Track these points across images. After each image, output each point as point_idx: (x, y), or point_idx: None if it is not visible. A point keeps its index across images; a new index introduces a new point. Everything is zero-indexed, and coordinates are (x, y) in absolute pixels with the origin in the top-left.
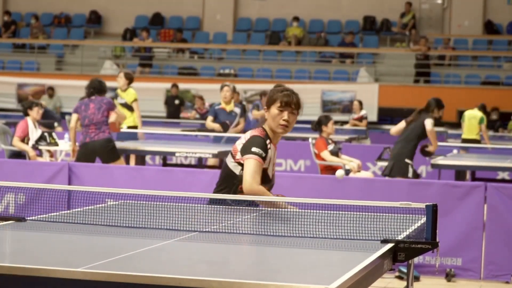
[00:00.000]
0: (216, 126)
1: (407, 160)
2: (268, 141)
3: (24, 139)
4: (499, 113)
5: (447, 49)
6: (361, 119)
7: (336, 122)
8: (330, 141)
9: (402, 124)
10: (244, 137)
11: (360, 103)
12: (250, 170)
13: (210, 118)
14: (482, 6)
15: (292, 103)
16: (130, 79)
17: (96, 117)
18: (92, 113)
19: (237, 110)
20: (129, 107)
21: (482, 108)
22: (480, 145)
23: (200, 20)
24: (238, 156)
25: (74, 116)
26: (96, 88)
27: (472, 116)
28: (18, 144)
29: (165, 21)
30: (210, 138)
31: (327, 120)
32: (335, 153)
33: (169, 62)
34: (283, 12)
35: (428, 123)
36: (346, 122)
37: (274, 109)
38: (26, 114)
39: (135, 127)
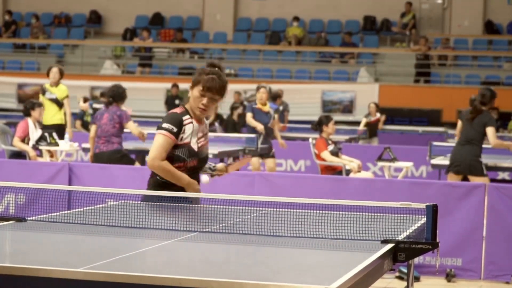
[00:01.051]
0: (260, 126)
1: (480, 159)
2: (186, 117)
3: (25, 139)
4: (499, 113)
5: (447, 49)
6: (377, 121)
7: (335, 123)
8: (330, 142)
9: (460, 124)
10: None
11: (377, 105)
12: (155, 145)
13: (250, 114)
14: (482, 6)
15: (214, 89)
16: (62, 74)
17: (107, 128)
18: (105, 123)
19: (272, 111)
20: (58, 103)
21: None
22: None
23: (200, 20)
24: None
25: (93, 127)
26: (116, 97)
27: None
28: (18, 144)
29: (165, 21)
30: (242, 140)
31: (327, 120)
32: (335, 153)
33: (169, 62)
34: (283, 12)
35: (490, 133)
36: (354, 123)
37: (196, 91)
38: (27, 114)
39: (62, 125)
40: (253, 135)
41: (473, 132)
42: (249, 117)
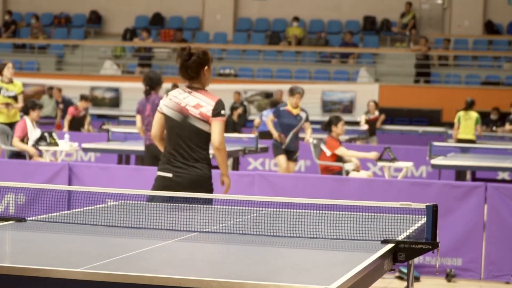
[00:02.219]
0: (275, 133)
1: None
2: None
3: (24, 139)
4: (499, 113)
5: (447, 49)
6: (376, 119)
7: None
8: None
9: None
10: (206, 102)
11: (376, 103)
12: (220, 130)
13: (270, 117)
14: (482, 6)
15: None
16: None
17: (151, 119)
18: (149, 115)
19: (303, 115)
20: (17, 99)
21: (471, 105)
22: (481, 145)
23: (200, 20)
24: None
25: (138, 117)
26: (153, 84)
27: (468, 117)
28: (18, 144)
29: (165, 21)
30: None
31: (337, 121)
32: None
33: (169, 62)
34: (283, 12)
35: None
36: (354, 123)
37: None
38: (26, 113)
39: (15, 123)
40: (252, 136)
41: None
42: (268, 119)
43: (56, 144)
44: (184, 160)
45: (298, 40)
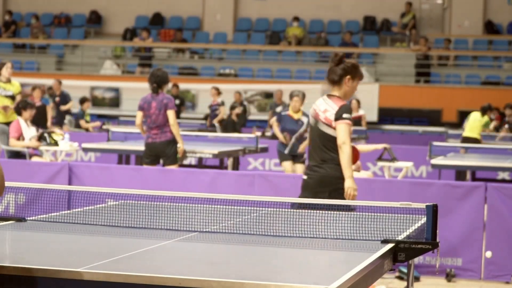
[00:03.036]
0: (280, 136)
1: None
2: None
3: (19, 138)
4: (499, 113)
5: (447, 49)
6: (359, 118)
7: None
8: None
9: None
10: (331, 107)
11: (358, 102)
12: (345, 132)
13: (273, 120)
14: (482, 6)
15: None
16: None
17: (158, 118)
18: (154, 113)
19: (305, 120)
20: (14, 99)
21: (485, 111)
22: (481, 145)
23: (200, 20)
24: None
25: (139, 114)
26: (160, 82)
27: (478, 119)
28: (16, 143)
29: (165, 21)
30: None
31: None
32: None
33: (169, 62)
34: (283, 12)
35: None
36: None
37: (356, 83)
38: (19, 114)
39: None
40: (252, 135)
41: None
42: (273, 124)
43: (56, 144)
44: (314, 162)
45: (298, 40)
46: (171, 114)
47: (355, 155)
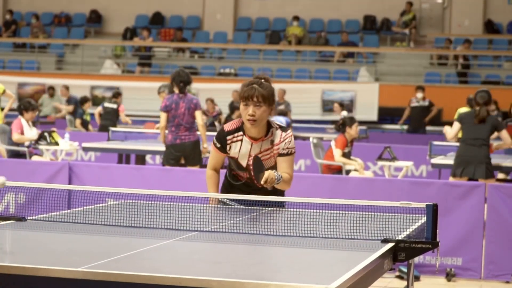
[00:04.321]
0: None
1: (491, 161)
2: (238, 133)
3: None
4: (499, 113)
5: (447, 49)
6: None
7: (334, 122)
8: (349, 144)
9: (457, 126)
10: None
11: (341, 104)
12: (210, 154)
13: None
14: (482, 6)
15: (253, 96)
16: None
17: (186, 118)
18: (182, 113)
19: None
20: None
21: (470, 102)
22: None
23: (201, 19)
24: None
25: (164, 115)
26: (186, 82)
27: None
28: (19, 137)
29: (166, 21)
30: None
31: (351, 122)
32: (347, 154)
33: (169, 61)
34: (283, 11)
35: (506, 136)
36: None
37: (241, 105)
38: (21, 113)
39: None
40: None
41: (483, 134)
42: None
43: (56, 143)
44: None
45: (298, 40)
46: (199, 114)
47: None
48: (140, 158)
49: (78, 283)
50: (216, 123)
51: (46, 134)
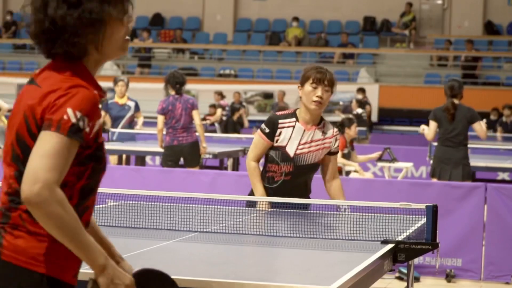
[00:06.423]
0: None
1: (469, 162)
2: (290, 119)
3: None
4: (499, 113)
5: (447, 50)
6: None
7: (335, 123)
8: (348, 144)
9: (433, 125)
10: None
11: (358, 101)
12: (252, 144)
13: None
14: (482, 7)
15: (325, 80)
16: None
17: (183, 119)
18: (180, 114)
19: (131, 104)
20: None
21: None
22: (481, 145)
23: (200, 20)
24: None
25: (161, 118)
26: (182, 83)
27: None
28: None
29: (165, 22)
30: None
31: (350, 123)
32: (347, 155)
33: (169, 62)
34: (283, 12)
35: (479, 128)
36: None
37: (308, 86)
38: None
39: None
40: (252, 136)
41: (458, 131)
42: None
43: None
44: None
45: (298, 41)
46: (197, 114)
47: None
48: (140, 158)
49: (78, 284)
50: (217, 124)
51: None
